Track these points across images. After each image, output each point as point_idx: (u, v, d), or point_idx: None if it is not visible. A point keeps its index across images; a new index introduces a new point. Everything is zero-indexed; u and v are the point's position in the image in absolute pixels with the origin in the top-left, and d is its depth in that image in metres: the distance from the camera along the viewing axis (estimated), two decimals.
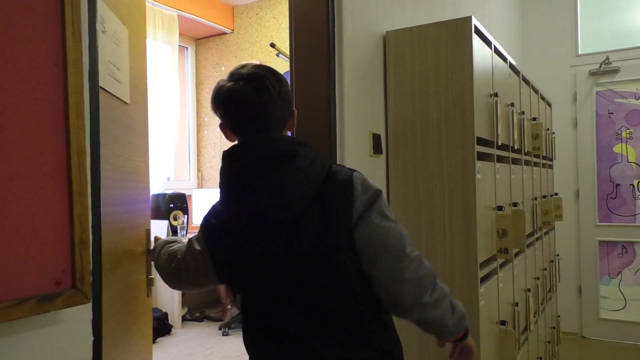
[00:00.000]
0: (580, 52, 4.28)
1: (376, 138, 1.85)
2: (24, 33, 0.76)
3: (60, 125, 0.80)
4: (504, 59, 2.23)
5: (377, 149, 1.84)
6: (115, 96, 1.13)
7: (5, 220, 0.73)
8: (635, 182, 4.03)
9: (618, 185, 4.09)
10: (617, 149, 4.10)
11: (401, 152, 1.89)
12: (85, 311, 0.87)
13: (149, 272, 1.35)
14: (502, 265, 2.08)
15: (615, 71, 4.07)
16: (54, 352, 0.83)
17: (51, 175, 0.79)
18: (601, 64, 4.10)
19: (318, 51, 1.65)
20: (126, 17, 1.24)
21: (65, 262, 0.80)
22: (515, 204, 2.23)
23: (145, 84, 1.44)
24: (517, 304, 2.22)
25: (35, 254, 0.76)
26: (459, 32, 1.78)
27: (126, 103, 1.22)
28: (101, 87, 1.00)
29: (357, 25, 1.76)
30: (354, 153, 1.71)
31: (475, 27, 1.80)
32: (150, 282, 1.35)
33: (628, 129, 4.06)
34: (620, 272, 4.07)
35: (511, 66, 2.35)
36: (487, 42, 1.97)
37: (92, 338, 0.89)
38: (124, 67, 1.20)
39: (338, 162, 1.64)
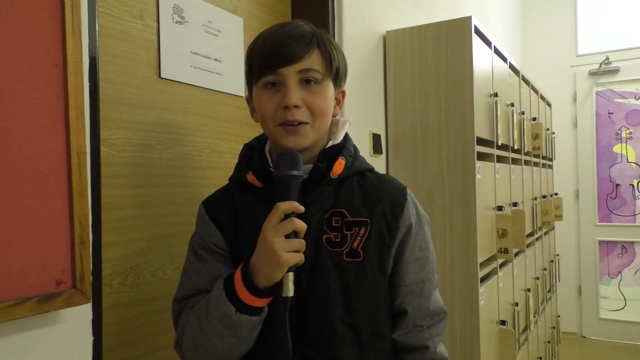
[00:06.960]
0: (580, 52, 4.27)
1: (376, 138, 1.85)
2: (24, 33, 0.76)
3: (60, 125, 0.80)
4: (504, 59, 2.23)
5: (377, 149, 1.84)
6: (209, 89, 1.16)
7: (6, 220, 0.73)
8: (635, 182, 4.03)
9: (618, 185, 4.09)
10: (617, 149, 4.10)
11: (401, 152, 1.89)
12: (85, 311, 0.87)
13: None
14: (502, 265, 2.08)
15: (615, 71, 4.07)
16: (54, 352, 0.83)
17: (51, 175, 0.79)
18: (601, 64, 4.10)
19: None
20: (245, 5, 1.28)
21: (65, 262, 0.80)
22: (515, 204, 2.23)
23: None
24: (517, 304, 2.22)
25: (35, 253, 0.76)
26: (459, 32, 1.78)
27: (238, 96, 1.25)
28: (180, 82, 1.01)
29: (357, 25, 1.76)
30: None
31: (475, 27, 1.80)
32: None
33: (628, 129, 4.06)
34: (620, 272, 4.07)
35: (511, 66, 2.35)
36: (487, 42, 1.97)
37: (92, 338, 0.89)
38: (229, 58, 1.17)
39: None
